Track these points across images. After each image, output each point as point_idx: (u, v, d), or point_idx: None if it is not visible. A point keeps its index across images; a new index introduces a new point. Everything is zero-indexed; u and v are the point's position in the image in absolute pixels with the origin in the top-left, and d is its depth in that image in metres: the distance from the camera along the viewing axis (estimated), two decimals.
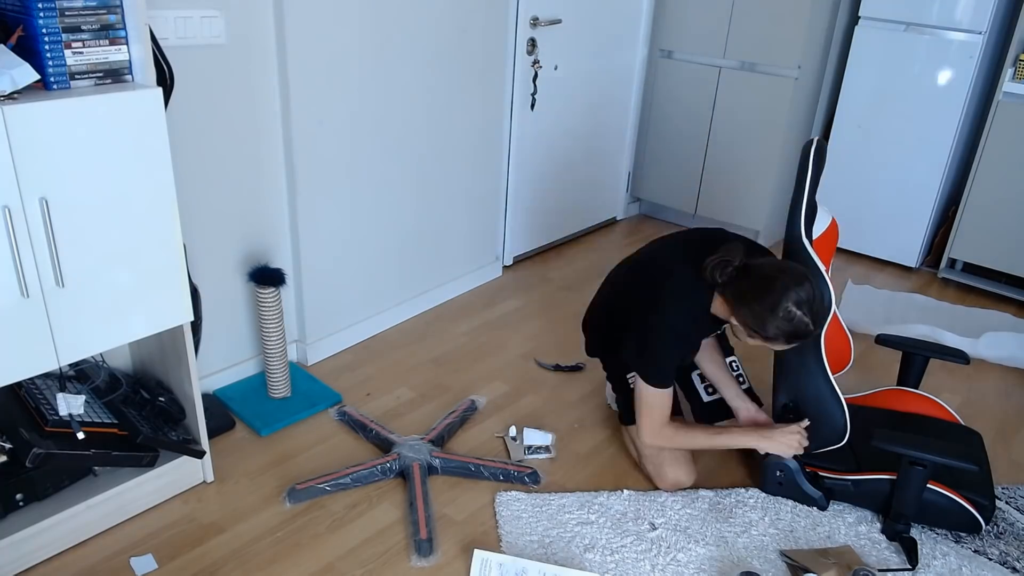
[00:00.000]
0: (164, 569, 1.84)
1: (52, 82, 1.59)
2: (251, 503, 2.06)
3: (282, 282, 2.35)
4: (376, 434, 2.29)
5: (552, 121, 3.52)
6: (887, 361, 2.91)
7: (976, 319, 3.31)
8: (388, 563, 1.89)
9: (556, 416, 2.50)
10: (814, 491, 2.13)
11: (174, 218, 1.78)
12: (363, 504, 2.07)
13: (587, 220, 4.03)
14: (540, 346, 2.92)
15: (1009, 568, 1.97)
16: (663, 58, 3.93)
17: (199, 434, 2.06)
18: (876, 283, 3.62)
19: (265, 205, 2.45)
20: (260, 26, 2.25)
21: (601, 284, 2.39)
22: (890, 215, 3.72)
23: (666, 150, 4.07)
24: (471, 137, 3.07)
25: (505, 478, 2.17)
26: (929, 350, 2.35)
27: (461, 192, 3.12)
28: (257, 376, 2.58)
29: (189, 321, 1.91)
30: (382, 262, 2.88)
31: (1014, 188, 3.39)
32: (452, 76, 2.88)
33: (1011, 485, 2.28)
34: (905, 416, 2.26)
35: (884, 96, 3.58)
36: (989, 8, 3.25)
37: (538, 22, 3.21)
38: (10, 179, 1.49)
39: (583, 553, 1.94)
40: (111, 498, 1.92)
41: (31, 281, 1.58)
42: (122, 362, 2.21)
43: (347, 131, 2.56)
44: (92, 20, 1.60)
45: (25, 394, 1.91)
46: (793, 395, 2.07)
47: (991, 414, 2.66)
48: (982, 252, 3.55)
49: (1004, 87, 3.32)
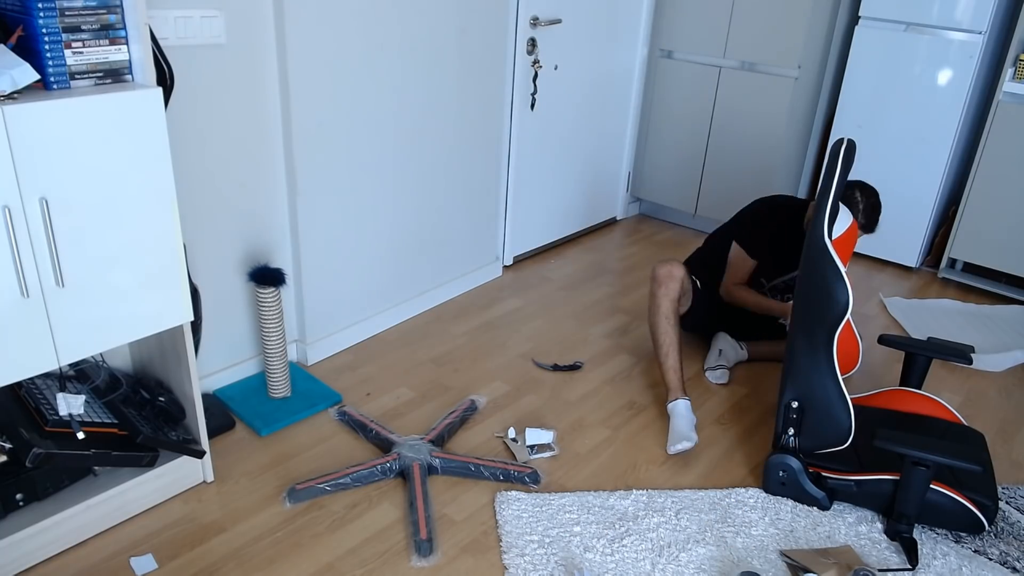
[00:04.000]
0: (164, 569, 1.83)
1: (52, 82, 1.58)
2: (251, 503, 2.06)
3: (282, 282, 2.34)
4: (376, 434, 2.29)
5: (552, 121, 3.51)
6: (889, 361, 2.91)
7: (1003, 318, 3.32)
8: (388, 563, 1.89)
9: (556, 416, 2.50)
10: (817, 491, 2.13)
11: (174, 218, 1.78)
12: (363, 504, 2.07)
13: (587, 220, 4.03)
14: (540, 346, 2.92)
15: (1009, 568, 1.97)
16: (663, 58, 3.93)
17: (199, 434, 2.06)
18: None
19: (265, 205, 2.45)
20: (260, 26, 2.25)
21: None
22: (890, 215, 3.72)
23: (666, 150, 4.07)
24: (471, 137, 3.07)
25: (505, 478, 2.17)
26: (932, 350, 2.35)
27: (461, 192, 3.12)
28: (257, 376, 2.57)
29: (189, 321, 1.91)
30: (382, 262, 2.88)
31: (1014, 188, 3.39)
32: (452, 76, 2.88)
33: (1011, 485, 2.28)
34: (908, 416, 2.26)
35: (884, 96, 3.58)
36: (989, 8, 3.25)
37: (538, 22, 3.20)
38: (10, 179, 1.49)
39: (583, 553, 1.93)
40: (111, 498, 1.92)
41: (31, 281, 1.57)
42: (122, 362, 2.21)
43: (347, 131, 2.56)
44: (92, 20, 1.60)
45: (25, 394, 1.91)
46: (801, 394, 2.07)
47: (992, 414, 2.66)
48: (982, 252, 3.55)
49: (1004, 87, 3.32)
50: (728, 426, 2.51)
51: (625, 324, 3.12)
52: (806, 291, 2.01)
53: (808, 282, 2.00)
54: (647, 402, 2.61)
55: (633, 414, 2.54)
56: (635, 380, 2.74)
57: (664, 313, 2.54)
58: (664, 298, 2.55)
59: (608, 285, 3.45)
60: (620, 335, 3.01)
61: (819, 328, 1.98)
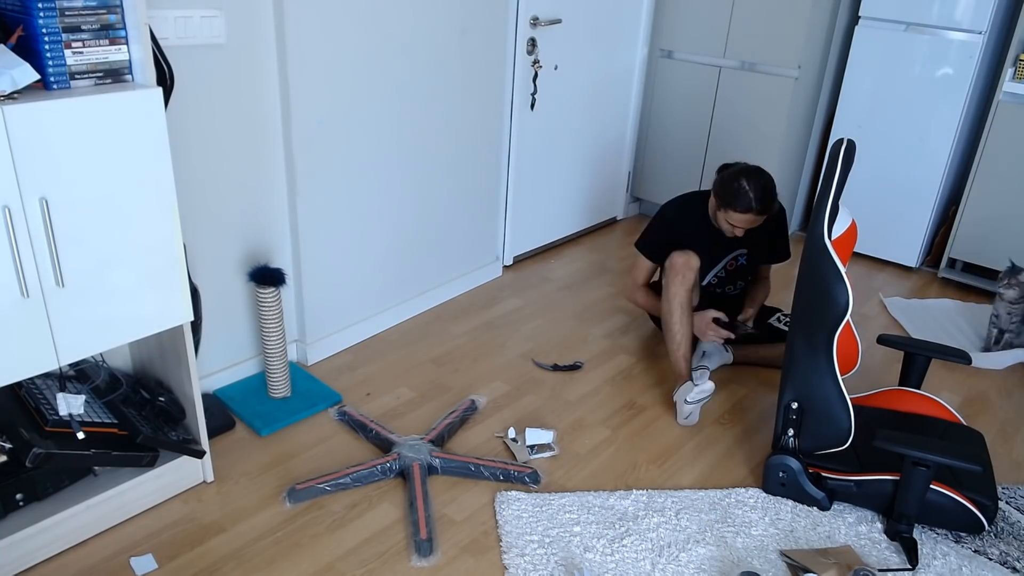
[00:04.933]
0: (164, 569, 1.83)
1: (52, 82, 1.58)
2: (251, 503, 2.06)
3: (282, 282, 2.34)
4: (376, 434, 2.29)
5: (552, 121, 3.51)
6: (889, 361, 2.91)
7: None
8: (388, 563, 1.89)
9: (556, 416, 2.50)
10: (817, 492, 2.13)
11: (174, 218, 1.78)
12: (363, 504, 2.07)
13: (587, 220, 4.03)
14: (540, 346, 2.92)
15: (1009, 568, 1.97)
16: (663, 58, 3.93)
17: (199, 434, 2.06)
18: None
19: (265, 205, 2.45)
20: (260, 26, 2.25)
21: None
22: (890, 215, 3.72)
23: (666, 150, 4.07)
24: (471, 137, 3.07)
25: (505, 478, 2.17)
26: (931, 350, 2.35)
27: (461, 192, 3.12)
28: (257, 376, 2.57)
29: (189, 321, 1.91)
30: (382, 262, 2.88)
31: (1014, 188, 3.39)
32: (452, 76, 2.88)
33: (1011, 485, 2.28)
34: (908, 416, 2.26)
35: (884, 96, 3.58)
36: (989, 8, 3.25)
37: (538, 22, 3.20)
38: (10, 179, 1.49)
39: (583, 553, 1.93)
40: (111, 498, 1.92)
41: (31, 281, 1.57)
42: (122, 362, 2.21)
43: (347, 131, 2.56)
44: (92, 20, 1.60)
45: (25, 394, 1.91)
46: (800, 394, 2.07)
47: (992, 414, 2.66)
48: (982, 252, 3.55)
49: (1004, 87, 3.31)
50: (728, 426, 2.51)
51: (625, 324, 3.12)
52: (806, 292, 2.01)
53: (808, 283, 2.00)
54: (647, 402, 2.61)
55: (633, 414, 2.54)
56: (635, 380, 2.74)
57: (680, 302, 2.55)
58: (681, 287, 2.54)
59: (608, 285, 3.45)
60: (620, 335, 3.01)
61: (819, 329, 1.98)
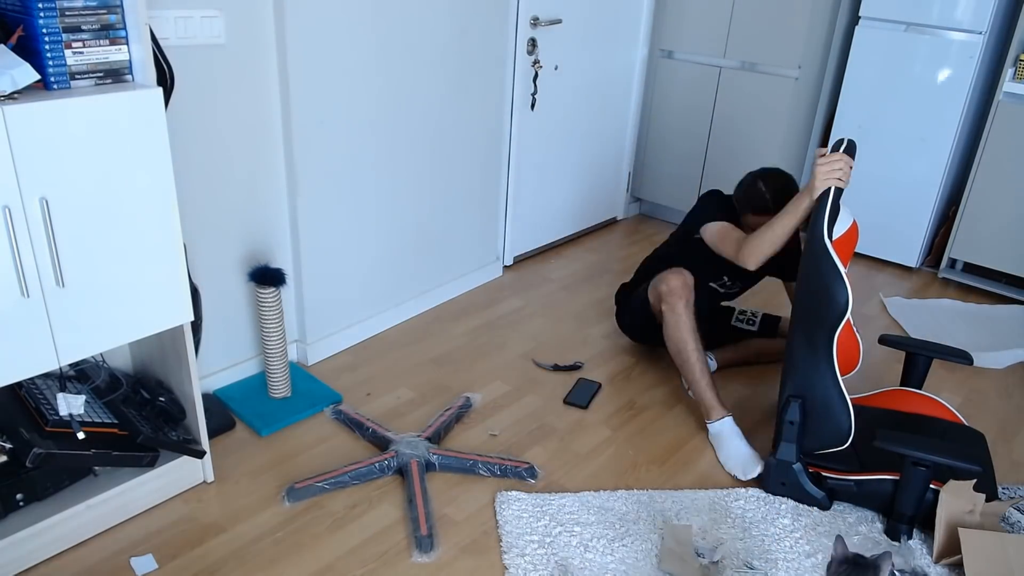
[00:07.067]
0: (164, 569, 1.83)
1: (52, 82, 1.58)
2: (251, 503, 2.06)
3: (282, 282, 2.34)
4: (373, 432, 2.29)
5: (552, 121, 3.51)
6: (889, 361, 2.91)
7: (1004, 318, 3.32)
8: (388, 562, 1.89)
9: (556, 416, 2.50)
10: (817, 491, 2.13)
11: (174, 218, 1.78)
12: (363, 504, 2.07)
13: (587, 220, 4.03)
14: (540, 346, 2.92)
15: None
16: (663, 58, 3.93)
17: (199, 434, 2.06)
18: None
19: (265, 205, 2.45)
20: (260, 26, 2.25)
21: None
22: (890, 215, 3.72)
23: (666, 150, 4.07)
24: (471, 137, 3.07)
25: (503, 473, 2.17)
26: (932, 350, 2.35)
27: (461, 192, 3.12)
28: (257, 376, 2.57)
29: (189, 321, 1.91)
30: (382, 262, 2.88)
31: (1014, 188, 3.39)
32: (452, 76, 2.88)
33: (1012, 485, 2.28)
34: (908, 416, 2.26)
35: (884, 96, 3.58)
36: (989, 8, 3.25)
37: (538, 22, 3.21)
38: (10, 179, 1.49)
39: (583, 553, 1.93)
40: (111, 498, 1.92)
41: (31, 281, 1.57)
42: (122, 362, 2.21)
43: (347, 131, 2.56)
44: (92, 20, 1.60)
45: (25, 394, 1.91)
46: (800, 394, 2.07)
47: (992, 414, 2.66)
48: (982, 252, 3.55)
49: (1004, 87, 3.32)
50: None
51: None
52: (806, 291, 2.01)
53: (808, 282, 2.00)
54: (647, 402, 2.61)
55: (633, 414, 2.54)
56: (635, 380, 2.74)
57: (689, 328, 2.36)
58: (687, 309, 2.37)
59: (609, 285, 3.45)
60: (620, 335, 3.01)
61: (819, 329, 1.98)
